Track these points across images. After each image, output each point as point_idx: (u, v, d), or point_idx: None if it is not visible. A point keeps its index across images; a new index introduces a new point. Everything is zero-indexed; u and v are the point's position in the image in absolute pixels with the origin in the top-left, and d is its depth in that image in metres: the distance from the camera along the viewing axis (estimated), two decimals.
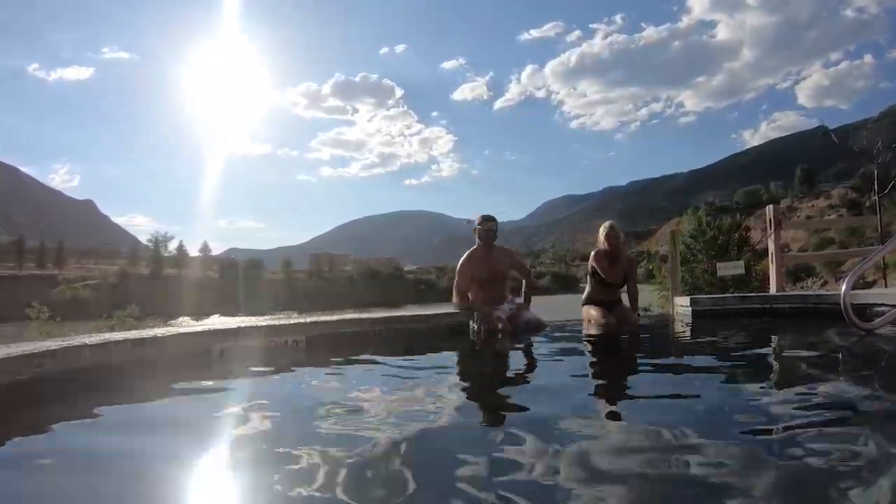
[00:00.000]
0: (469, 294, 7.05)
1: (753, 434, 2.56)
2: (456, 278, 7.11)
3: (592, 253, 7.63)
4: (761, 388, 3.69)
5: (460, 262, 7.09)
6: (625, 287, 7.65)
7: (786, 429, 2.60)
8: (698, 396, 3.40)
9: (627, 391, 3.78)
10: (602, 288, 7.45)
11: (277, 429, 2.89)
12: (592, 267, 7.48)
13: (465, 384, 4.22)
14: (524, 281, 7.49)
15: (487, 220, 7.12)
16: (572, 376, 4.46)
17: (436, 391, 3.69)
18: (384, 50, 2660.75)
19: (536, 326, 6.94)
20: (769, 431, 2.60)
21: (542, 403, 3.32)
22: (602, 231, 7.53)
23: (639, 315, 7.88)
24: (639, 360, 5.21)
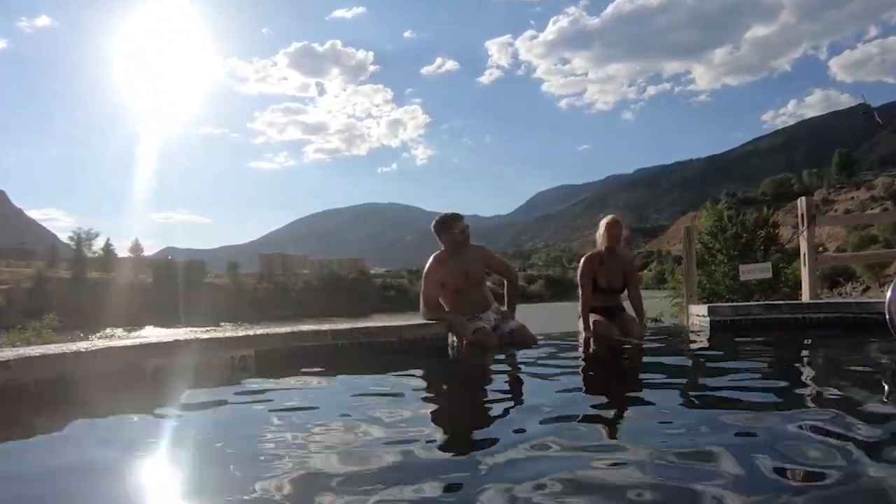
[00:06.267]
0: (442, 303, 7.00)
1: (779, 472, 2.54)
2: (423, 286, 7.06)
3: (584, 257, 7.61)
4: (790, 415, 3.67)
5: (426, 267, 7.04)
6: (626, 293, 7.65)
7: (819, 466, 2.59)
8: (714, 424, 3.39)
9: (631, 417, 3.77)
10: (599, 294, 7.43)
11: (218, 465, 2.85)
12: (587, 271, 7.47)
13: (443, 409, 4.21)
14: (506, 282, 7.48)
15: (455, 219, 7.03)
16: (567, 399, 4.45)
17: (407, 417, 3.67)
18: (339, 12, 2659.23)
19: (523, 338, 6.95)
20: (797, 468, 2.59)
21: (532, 432, 3.31)
22: (603, 225, 7.51)
23: (645, 325, 7.88)
24: (646, 380, 5.21)
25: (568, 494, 2.28)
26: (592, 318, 7.24)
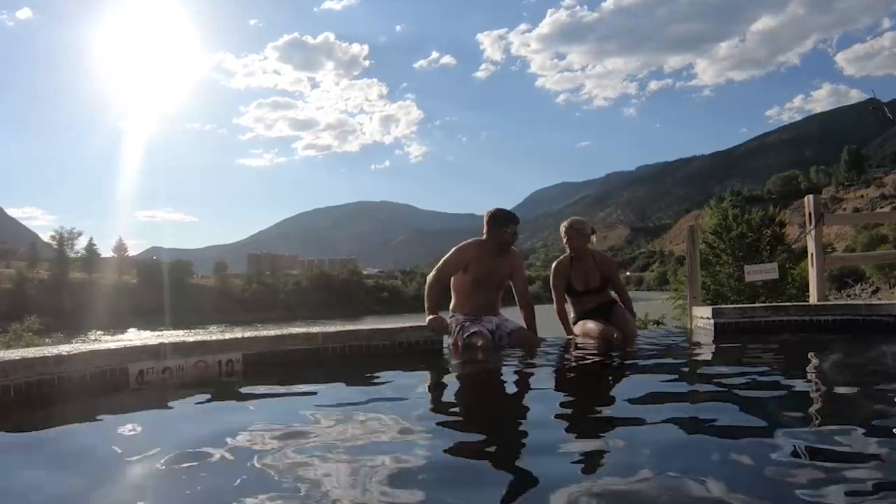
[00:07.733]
0: (452, 285, 6.99)
1: (783, 476, 2.53)
2: (448, 255, 7.03)
3: (553, 266, 7.61)
4: (796, 420, 3.68)
5: (459, 245, 7.05)
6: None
7: (824, 471, 2.57)
8: (717, 430, 3.38)
9: (629, 422, 3.74)
10: (584, 297, 7.43)
11: (203, 476, 2.83)
12: (559, 276, 7.49)
13: (436, 413, 4.20)
14: (522, 311, 7.34)
15: (512, 220, 7.00)
16: (562, 403, 4.45)
17: (400, 423, 3.66)
18: (328, 4, 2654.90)
19: (524, 339, 6.92)
20: (802, 472, 2.57)
21: (528, 434, 3.32)
22: (562, 230, 7.51)
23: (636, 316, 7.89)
24: (645, 384, 5.17)
25: (564, 498, 2.27)
26: (592, 320, 7.23)
